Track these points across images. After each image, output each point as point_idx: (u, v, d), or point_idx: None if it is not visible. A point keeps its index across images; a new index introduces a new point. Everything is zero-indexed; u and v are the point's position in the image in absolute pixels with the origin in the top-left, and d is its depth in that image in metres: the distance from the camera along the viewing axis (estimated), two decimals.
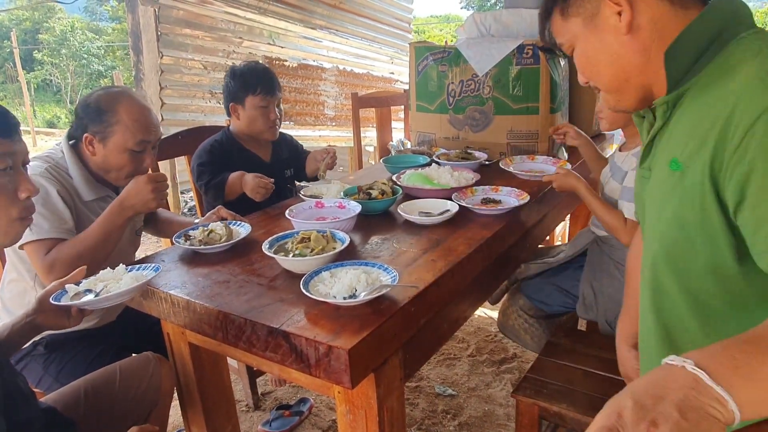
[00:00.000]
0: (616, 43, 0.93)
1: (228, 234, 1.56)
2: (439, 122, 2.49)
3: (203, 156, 2.06)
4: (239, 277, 1.37)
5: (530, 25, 2.56)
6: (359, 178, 2.34)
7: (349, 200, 1.70)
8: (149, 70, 2.83)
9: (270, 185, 1.97)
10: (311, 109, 3.82)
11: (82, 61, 23.06)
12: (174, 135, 2.24)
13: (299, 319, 1.15)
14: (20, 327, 1.18)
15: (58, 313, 1.16)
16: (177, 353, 1.52)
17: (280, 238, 1.46)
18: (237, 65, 2.12)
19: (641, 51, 0.92)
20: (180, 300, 1.29)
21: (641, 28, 0.91)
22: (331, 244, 1.40)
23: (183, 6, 2.91)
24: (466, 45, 2.37)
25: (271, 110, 2.10)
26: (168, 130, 2.97)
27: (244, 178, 1.98)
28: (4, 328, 1.19)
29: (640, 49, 0.92)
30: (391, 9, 4.57)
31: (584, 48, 0.99)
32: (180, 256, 1.54)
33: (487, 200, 1.83)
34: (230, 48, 3.22)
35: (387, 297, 1.19)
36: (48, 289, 1.20)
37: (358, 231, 1.63)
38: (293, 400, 2.30)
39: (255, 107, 2.08)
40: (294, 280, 1.32)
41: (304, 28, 3.73)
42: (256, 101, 2.07)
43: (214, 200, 2.03)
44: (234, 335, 1.21)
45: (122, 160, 1.61)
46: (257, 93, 2.06)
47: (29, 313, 1.19)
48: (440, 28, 28.10)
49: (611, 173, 1.82)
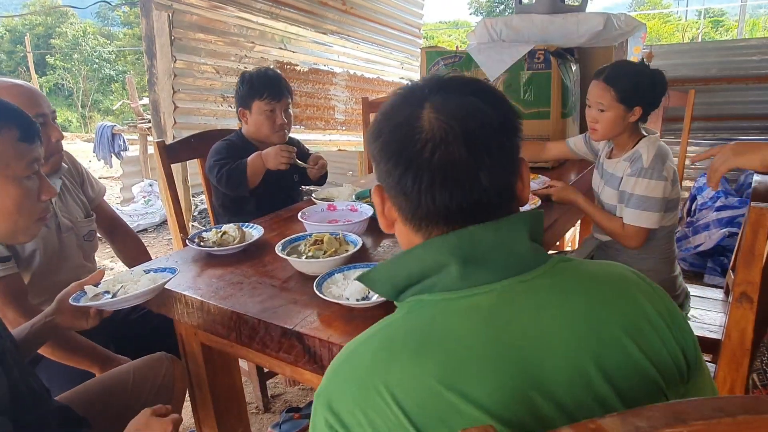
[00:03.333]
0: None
1: (240, 236, 1.57)
2: None
3: (221, 152, 2.07)
4: (252, 279, 1.38)
5: (541, 30, 2.57)
6: (370, 181, 2.35)
7: (361, 203, 1.71)
8: (162, 74, 2.86)
9: (292, 147, 2.01)
10: (322, 113, 3.84)
11: (93, 66, 23.31)
12: (186, 138, 2.26)
13: (312, 320, 1.15)
14: (39, 328, 1.19)
15: (76, 314, 1.18)
16: (189, 354, 1.53)
17: (292, 240, 1.47)
18: (248, 71, 2.14)
19: None
20: (194, 300, 1.30)
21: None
22: (343, 247, 1.40)
23: (196, 11, 2.94)
24: (477, 50, 2.38)
25: (277, 115, 2.11)
26: (180, 134, 2.99)
27: (263, 154, 1.99)
28: (23, 329, 1.20)
29: None
30: (402, 14, 4.59)
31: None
32: (193, 257, 1.55)
33: None
34: (242, 52, 3.25)
35: None
36: (67, 290, 1.22)
37: (369, 234, 1.63)
38: (303, 402, 2.30)
39: (261, 111, 2.09)
40: (307, 281, 1.33)
41: (315, 33, 3.75)
42: (262, 105, 2.09)
43: (235, 188, 2.01)
44: (247, 336, 1.22)
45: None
46: (263, 97, 2.07)
47: (48, 313, 1.21)
48: (449, 33, 28.15)
49: (604, 181, 1.84)
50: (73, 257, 1.68)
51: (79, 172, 1.81)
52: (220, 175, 2.00)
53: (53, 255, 1.60)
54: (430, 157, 0.67)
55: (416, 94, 0.71)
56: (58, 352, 1.41)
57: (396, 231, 0.77)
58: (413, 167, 0.68)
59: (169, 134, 2.94)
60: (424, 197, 0.68)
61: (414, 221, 0.71)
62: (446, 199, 0.67)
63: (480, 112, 0.69)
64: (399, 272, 0.72)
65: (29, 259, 1.55)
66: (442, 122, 0.67)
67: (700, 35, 20.50)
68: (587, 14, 2.54)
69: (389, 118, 0.72)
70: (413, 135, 0.68)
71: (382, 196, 0.75)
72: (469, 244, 0.67)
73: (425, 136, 0.67)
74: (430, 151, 0.67)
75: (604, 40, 2.49)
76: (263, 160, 2.00)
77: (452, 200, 0.68)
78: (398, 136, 0.69)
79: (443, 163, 0.67)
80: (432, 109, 0.68)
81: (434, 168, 0.67)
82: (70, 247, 1.66)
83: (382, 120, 0.73)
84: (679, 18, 25.02)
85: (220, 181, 2.01)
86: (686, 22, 23.99)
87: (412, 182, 0.68)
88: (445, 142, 0.66)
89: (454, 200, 0.68)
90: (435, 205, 0.68)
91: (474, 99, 0.70)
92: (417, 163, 0.67)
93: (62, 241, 1.63)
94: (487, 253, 0.67)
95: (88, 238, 1.75)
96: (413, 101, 0.70)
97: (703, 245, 3.10)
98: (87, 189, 1.81)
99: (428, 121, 0.68)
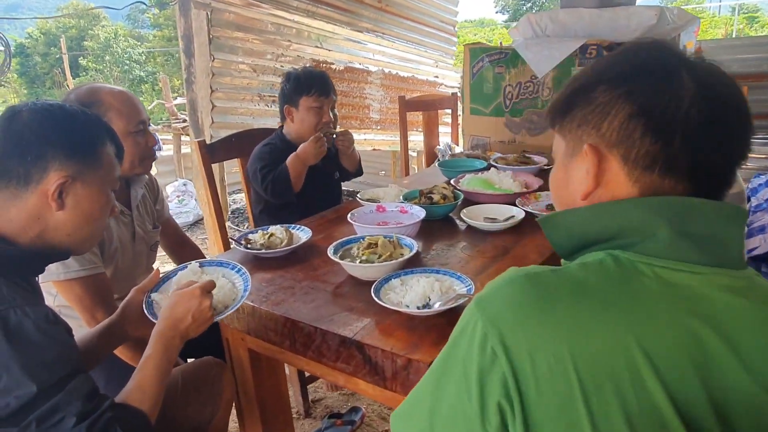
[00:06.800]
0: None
1: (288, 238, 1.52)
2: (495, 125, 2.42)
3: (263, 158, 2.03)
4: (303, 283, 1.33)
5: (589, 24, 2.47)
6: (413, 182, 2.28)
7: (412, 205, 1.64)
8: (200, 73, 2.84)
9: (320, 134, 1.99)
10: (356, 112, 3.79)
11: (124, 67, 23.74)
12: (227, 138, 2.22)
13: (372, 328, 1.09)
14: (106, 337, 1.17)
15: (147, 322, 1.14)
16: (236, 359, 1.49)
17: (344, 243, 1.41)
18: (293, 69, 2.10)
19: None
20: (245, 306, 1.26)
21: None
22: (398, 250, 1.34)
23: (234, 9, 2.91)
24: (524, 46, 2.29)
25: (325, 111, 2.07)
26: (218, 133, 2.97)
27: (300, 152, 1.95)
28: (88, 338, 1.17)
29: None
30: (437, 12, 4.51)
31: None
32: (240, 260, 1.51)
33: (553, 206, 1.75)
34: (279, 51, 3.21)
35: (461, 307, 1.13)
36: (132, 298, 1.19)
37: (420, 236, 1.57)
38: (345, 408, 2.25)
39: (308, 108, 2.05)
40: (361, 287, 1.27)
41: (351, 31, 3.70)
42: (310, 102, 2.04)
43: (281, 195, 1.98)
44: (302, 344, 1.17)
45: (127, 147, 1.41)
46: (311, 93, 2.03)
47: (113, 322, 1.18)
48: (474, 32, 27.93)
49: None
50: (142, 266, 1.67)
51: (155, 185, 1.80)
52: (266, 184, 1.97)
53: (128, 260, 1.59)
54: (697, 114, 0.64)
55: (669, 59, 0.68)
56: (130, 353, 1.39)
57: (590, 187, 0.71)
58: (678, 116, 0.64)
59: (207, 134, 2.92)
60: (681, 145, 0.64)
61: (637, 170, 0.67)
62: (707, 149, 0.65)
63: (733, 89, 0.67)
64: (592, 223, 0.68)
65: (110, 259, 1.53)
66: (705, 88, 0.65)
67: (734, 31, 19.93)
68: (639, 7, 2.43)
69: (638, 68, 0.68)
70: (676, 90, 0.65)
71: (599, 154, 0.70)
72: (689, 214, 0.64)
73: (689, 93, 0.64)
74: (698, 108, 0.64)
75: (657, 34, 2.38)
76: (302, 158, 1.95)
77: (711, 154, 0.65)
78: (654, 85, 0.66)
79: (710, 119, 0.64)
80: (689, 76, 0.65)
81: (702, 121, 0.64)
82: (140, 255, 1.65)
83: (626, 67, 0.69)
84: (713, 15, 24.38)
85: (266, 190, 1.99)
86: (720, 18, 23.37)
87: (666, 130, 0.64)
88: (711, 101, 0.64)
89: (711, 155, 0.65)
90: (688, 156, 0.65)
91: (722, 78, 0.68)
92: (681, 115, 0.64)
93: (135, 248, 1.62)
94: (704, 231, 0.63)
95: (154, 249, 1.74)
96: (667, 64, 0.67)
97: (757, 249, 2.96)
98: (159, 203, 1.80)
99: (688, 81, 0.65)
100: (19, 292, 0.89)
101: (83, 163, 0.99)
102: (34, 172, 0.94)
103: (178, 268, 1.27)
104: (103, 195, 1.04)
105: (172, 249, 1.90)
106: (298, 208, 2.04)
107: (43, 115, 0.96)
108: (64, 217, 0.98)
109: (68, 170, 0.97)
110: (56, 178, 0.95)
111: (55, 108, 0.99)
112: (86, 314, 1.40)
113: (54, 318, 0.90)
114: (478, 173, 1.99)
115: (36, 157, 0.94)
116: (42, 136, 0.95)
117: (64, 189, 0.97)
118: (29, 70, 25.33)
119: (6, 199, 0.95)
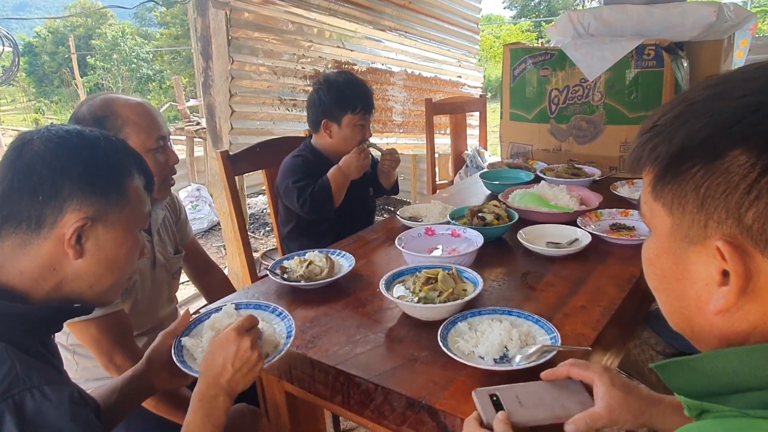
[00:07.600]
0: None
1: (330, 266, 1.36)
2: (538, 132, 2.24)
3: (296, 171, 1.85)
4: (351, 323, 1.17)
5: (637, 22, 2.29)
6: (453, 195, 2.11)
7: (465, 227, 1.47)
8: (219, 76, 2.68)
9: (364, 145, 1.87)
10: (379, 115, 3.62)
11: (131, 66, 23.63)
12: (251, 148, 2.05)
13: (443, 387, 0.93)
14: (129, 391, 1.01)
15: (177, 372, 0.98)
16: (271, 404, 1.32)
17: (396, 276, 1.24)
18: (329, 75, 1.91)
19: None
20: (288, 352, 1.09)
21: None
22: (460, 285, 1.17)
23: (253, 8, 2.75)
24: (572, 46, 2.11)
25: (367, 129, 1.90)
26: (237, 140, 2.81)
27: (343, 166, 1.81)
28: (111, 391, 1.01)
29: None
30: (460, 8, 4.33)
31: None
32: (276, 292, 1.35)
33: (618, 226, 1.58)
34: (300, 51, 3.04)
35: (547, 363, 0.96)
36: (159, 344, 1.02)
37: (474, 263, 1.40)
38: None
39: (353, 126, 1.87)
40: (420, 329, 1.11)
41: (373, 30, 3.53)
42: (355, 120, 1.87)
43: (320, 211, 1.82)
44: (358, 402, 1.00)
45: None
46: (357, 111, 1.85)
47: (138, 373, 1.02)
48: (482, 28, 27.61)
49: None
50: (163, 296, 1.50)
51: (178, 206, 1.62)
52: (303, 200, 1.80)
53: (148, 291, 1.43)
54: None
55: None
56: (162, 406, 1.23)
57: (731, 302, 0.50)
58: None
59: (225, 140, 2.76)
60: None
61: None
62: None
63: None
64: (756, 370, 0.48)
65: (128, 293, 1.37)
66: None
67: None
68: (694, 4, 2.25)
69: None
70: None
71: (742, 253, 0.48)
72: None
73: None
74: None
75: (715, 32, 2.20)
76: (345, 171, 1.79)
77: None
78: None
79: None
80: None
81: None
82: (161, 283, 1.48)
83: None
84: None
85: (304, 206, 1.81)
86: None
87: None
88: None
89: None
90: None
91: None
92: None
93: (155, 276, 1.45)
94: None
95: (176, 276, 1.57)
96: None
97: None
98: (182, 225, 1.63)
99: None
100: (35, 365, 0.73)
101: (106, 201, 0.82)
102: (47, 214, 0.78)
103: (211, 309, 1.11)
104: (129, 237, 0.87)
105: (196, 276, 1.73)
106: (333, 225, 1.88)
107: (58, 144, 0.80)
108: (84, 266, 0.82)
109: (88, 210, 0.80)
110: (74, 220, 0.79)
111: (72, 135, 0.82)
112: (103, 358, 1.24)
113: (79, 397, 0.74)
114: (526, 187, 1.82)
115: (50, 195, 0.77)
116: (57, 169, 0.78)
117: (84, 233, 0.80)
118: (37, 69, 25.28)
119: (16, 246, 0.78)
